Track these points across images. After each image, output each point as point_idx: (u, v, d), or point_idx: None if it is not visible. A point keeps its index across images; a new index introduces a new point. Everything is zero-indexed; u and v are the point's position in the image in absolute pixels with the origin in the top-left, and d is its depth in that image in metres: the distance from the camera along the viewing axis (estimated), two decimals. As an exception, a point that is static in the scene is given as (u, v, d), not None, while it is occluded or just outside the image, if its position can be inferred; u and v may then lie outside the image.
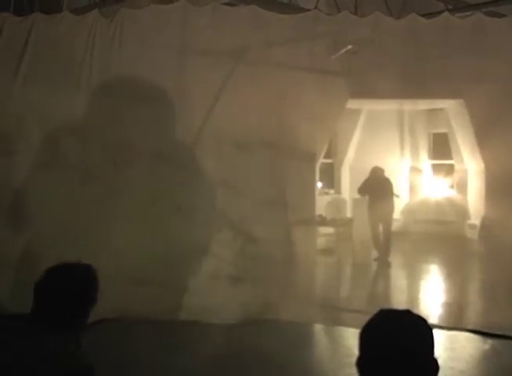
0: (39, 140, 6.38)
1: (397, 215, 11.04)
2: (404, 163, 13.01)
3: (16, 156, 6.39)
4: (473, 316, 6.89)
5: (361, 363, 1.62)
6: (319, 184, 11.24)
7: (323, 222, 9.72)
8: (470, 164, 11.16)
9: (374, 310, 1.73)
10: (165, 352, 5.52)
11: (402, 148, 13.00)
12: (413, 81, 6.57)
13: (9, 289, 6.09)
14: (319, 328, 6.56)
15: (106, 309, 5.24)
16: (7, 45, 6.47)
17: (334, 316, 6.53)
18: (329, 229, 10.12)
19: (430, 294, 8.39)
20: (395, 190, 10.26)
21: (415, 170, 13.08)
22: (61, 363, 2.09)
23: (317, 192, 8.50)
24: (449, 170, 12.58)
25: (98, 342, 4.54)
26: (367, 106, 11.91)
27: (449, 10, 7.77)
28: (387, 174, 10.30)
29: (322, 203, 10.80)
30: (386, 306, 1.79)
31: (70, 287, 2.30)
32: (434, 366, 1.61)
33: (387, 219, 9.97)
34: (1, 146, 6.39)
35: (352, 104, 8.64)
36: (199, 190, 6.43)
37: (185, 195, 6.39)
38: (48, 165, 6.28)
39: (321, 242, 8.81)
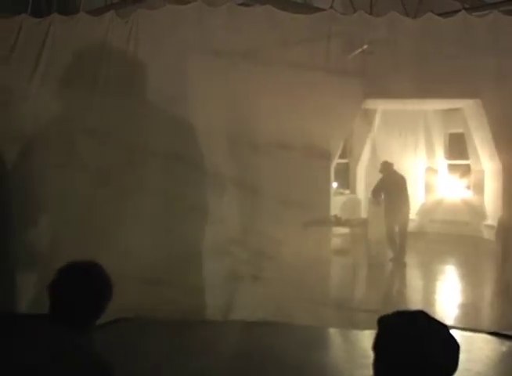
0: (55, 140, 6.43)
1: (413, 215, 10.98)
2: (420, 163, 12.93)
3: (32, 156, 6.44)
4: (490, 317, 6.83)
5: (377, 365, 1.62)
6: (334, 184, 11.20)
7: (338, 222, 9.67)
8: (487, 164, 11.06)
9: (389, 311, 1.72)
10: (179, 352, 5.53)
11: (418, 148, 12.93)
12: (430, 80, 6.52)
13: (27, 289, 6.15)
14: (334, 329, 6.54)
15: (120, 308, 5.27)
16: (25, 45, 6.52)
17: (349, 317, 6.50)
18: (344, 230, 10.07)
19: (447, 296, 8.33)
20: (410, 181, 10.27)
21: (431, 170, 13.00)
22: (78, 363, 2.10)
23: (332, 192, 8.47)
24: (466, 170, 12.48)
25: (111, 342, 4.57)
26: (383, 107, 11.85)
27: (466, 9, 7.71)
28: (402, 173, 10.26)
29: (337, 203, 10.76)
30: (401, 307, 1.79)
31: (83, 287, 2.31)
32: (450, 367, 1.60)
33: (403, 219, 9.92)
34: (17, 146, 6.45)
35: (368, 104, 8.61)
36: (213, 191, 6.44)
37: (200, 195, 6.40)
38: (63, 165, 6.32)
39: (336, 242, 8.77)
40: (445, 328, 1.63)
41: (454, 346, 1.61)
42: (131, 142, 6.31)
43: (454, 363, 1.60)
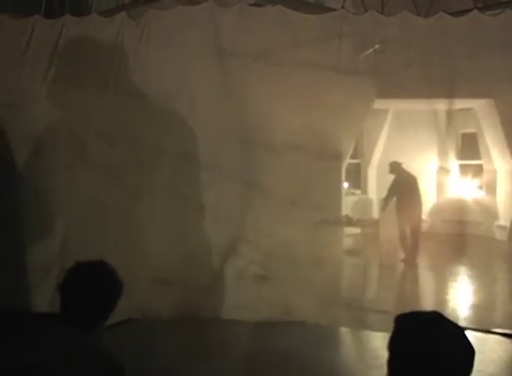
0: (66, 141, 6.47)
1: (424, 215, 10.94)
2: (432, 163, 12.87)
3: (44, 157, 6.48)
4: (502, 318, 6.79)
5: (391, 364, 1.62)
6: (346, 184, 11.18)
7: (349, 222, 9.65)
8: (500, 164, 11.01)
9: (401, 312, 1.72)
10: (189, 352, 5.54)
11: (430, 148, 12.87)
12: (441, 80, 6.49)
13: (39, 289, 6.19)
14: (344, 329, 6.53)
15: (130, 308, 5.31)
16: (38, 46, 6.56)
17: (360, 317, 6.49)
18: (356, 230, 10.05)
19: (459, 296, 8.28)
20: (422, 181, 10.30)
21: (443, 170, 12.93)
22: (82, 364, 2.11)
23: (343, 192, 8.46)
24: (478, 170, 12.42)
25: (122, 342, 4.58)
26: (394, 106, 11.81)
27: (478, 8, 7.65)
28: (414, 173, 10.25)
29: (348, 203, 10.75)
30: (413, 308, 1.78)
31: (92, 286, 2.32)
32: (464, 369, 1.59)
33: (415, 219, 9.88)
34: (29, 147, 6.49)
35: (379, 104, 8.58)
36: (224, 191, 6.44)
37: (211, 195, 6.41)
38: (74, 166, 6.35)
39: (347, 243, 8.76)
40: (459, 330, 1.63)
41: (468, 348, 1.60)
42: (142, 143, 6.33)
43: (468, 364, 1.59)
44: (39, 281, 6.25)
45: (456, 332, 1.62)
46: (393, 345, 1.62)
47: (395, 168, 10.09)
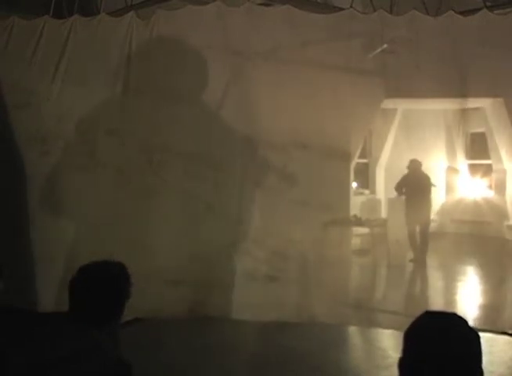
0: (76, 141, 6.49)
1: (433, 215, 10.91)
2: (440, 163, 12.83)
3: (54, 156, 6.51)
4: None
5: (404, 366, 1.61)
6: (354, 184, 11.16)
7: (358, 222, 9.62)
8: (509, 163, 10.96)
9: (410, 312, 1.72)
10: (196, 352, 5.55)
11: (439, 148, 12.83)
12: (450, 80, 6.46)
13: (47, 288, 6.22)
14: (353, 329, 6.52)
15: (139, 308, 5.31)
16: (47, 47, 6.59)
17: (369, 317, 6.48)
18: (364, 230, 10.03)
19: (468, 296, 8.25)
20: (432, 181, 10.28)
21: (452, 170, 12.89)
22: (96, 361, 2.12)
23: (352, 192, 8.44)
24: (487, 170, 12.37)
25: (131, 342, 4.59)
26: (403, 106, 11.77)
27: (488, 7, 7.60)
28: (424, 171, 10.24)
29: (356, 203, 10.73)
30: (422, 308, 1.78)
31: (104, 285, 2.33)
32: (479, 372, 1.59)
33: (425, 219, 9.85)
34: (39, 146, 6.52)
35: (388, 104, 8.55)
36: (233, 191, 6.45)
37: (219, 195, 6.42)
38: (84, 166, 6.38)
39: (356, 242, 8.74)
40: (474, 332, 1.62)
41: (479, 352, 1.60)
42: (153, 143, 6.35)
43: (478, 368, 1.59)
44: (48, 281, 6.28)
45: (471, 337, 1.61)
46: (408, 342, 1.62)
47: (412, 165, 10.10)
